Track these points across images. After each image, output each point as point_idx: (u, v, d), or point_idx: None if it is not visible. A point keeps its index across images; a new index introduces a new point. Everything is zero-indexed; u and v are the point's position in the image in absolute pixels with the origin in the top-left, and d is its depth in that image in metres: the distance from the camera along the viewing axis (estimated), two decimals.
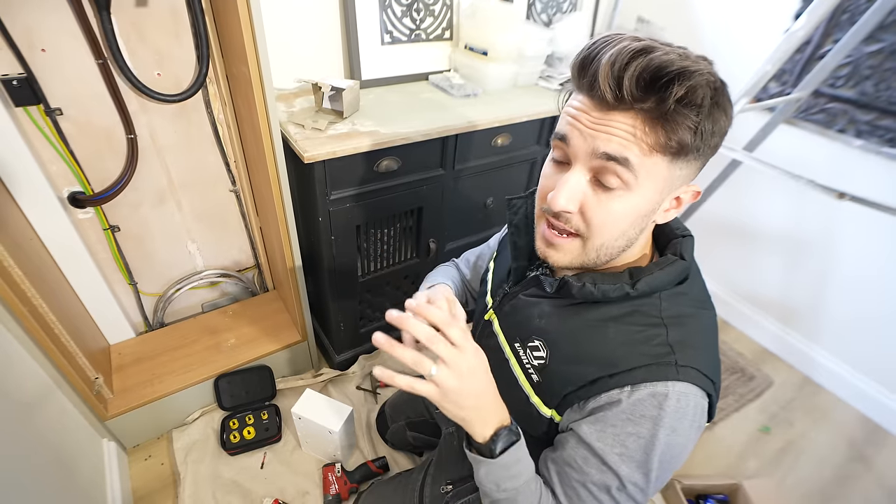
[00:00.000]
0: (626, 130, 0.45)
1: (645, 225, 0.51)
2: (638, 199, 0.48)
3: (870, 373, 1.46)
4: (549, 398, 0.56)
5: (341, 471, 1.12)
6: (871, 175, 1.29)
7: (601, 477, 0.51)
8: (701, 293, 0.56)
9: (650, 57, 0.42)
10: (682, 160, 0.47)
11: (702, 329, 0.53)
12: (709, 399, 0.51)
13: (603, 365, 0.51)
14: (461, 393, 0.49)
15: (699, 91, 0.42)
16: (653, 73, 0.42)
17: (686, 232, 0.57)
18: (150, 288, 1.26)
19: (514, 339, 0.61)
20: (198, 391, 1.21)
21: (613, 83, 0.43)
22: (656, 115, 0.43)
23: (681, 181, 0.49)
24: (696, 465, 1.29)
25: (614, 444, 0.50)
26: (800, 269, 1.54)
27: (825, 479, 1.30)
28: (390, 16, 1.24)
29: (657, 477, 0.50)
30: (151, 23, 0.95)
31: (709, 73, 0.43)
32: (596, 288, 0.52)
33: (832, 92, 1.31)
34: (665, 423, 0.48)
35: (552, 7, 1.54)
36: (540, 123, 1.28)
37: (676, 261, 0.54)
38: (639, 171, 0.46)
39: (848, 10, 1.23)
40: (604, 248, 0.51)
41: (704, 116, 0.44)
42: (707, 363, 0.51)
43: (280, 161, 0.96)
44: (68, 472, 0.89)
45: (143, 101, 1.02)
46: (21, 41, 0.84)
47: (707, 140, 0.45)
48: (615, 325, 0.52)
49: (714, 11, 1.51)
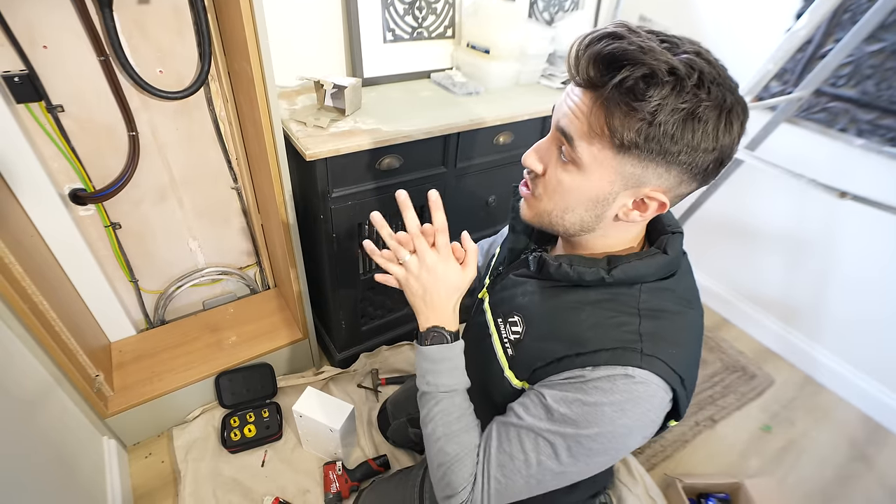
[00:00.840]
0: (580, 107, 0.47)
1: (599, 213, 0.52)
2: (584, 181, 0.50)
3: (871, 372, 1.46)
4: (521, 371, 0.59)
5: (342, 469, 1.11)
6: (872, 174, 1.29)
7: (534, 422, 0.53)
8: (688, 292, 0.57)
9: (615, 42, 0.43)
10: (630, 156, 0.46)
11: (682, 326, 0.53)
12: (674, 394, 0.51)
13: (571, 344, 0.53)
14: (421, 283, 0.61)
15: (642, 81, 0.41)
16: (607, 57, 0.43)
17: (676, 229, 0.58)
18: (150, 285, 1.26)
19: (497, 314, 0.65)
20: (198, 389, 1.21)
21: (575, 60, 0.46)
22: (602, 99, 0.44)
23: (636, 181, 0.48)
24: (698, 464, 1.29)
25: (560, 404, 0.51)
26: (801, 268, 1.54)
27: (827, 479, 1.29)
28: (392, 14, 1.23)
29: (588, 451, 0.51)
30: (153, 20, 0.94)
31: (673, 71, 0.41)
32: (572, 269, 0.55)
33: (834, 91, 1.31)
34: (614, 399, 0.49)
35: (554, 5, 1.54)
36: (542, 122, 1.28)
37: (658, 254, 0.54)
38: (582, 152, 0.48)
39: (849, 9, 1.23)
40: (553, 216, 0.55)
41: (654, 116, 0.42)
42: (677, 358, 0.50)
43: (282, 158, 0.96)
44: (69, 470, 0.89)
45: (145, 99, 1.01)
46: (23, 37, 0.84)
47: (660, 143, 0.43)
48: (590, 309, 0.54)
49: (716, 10, 1.51)
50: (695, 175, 0.47)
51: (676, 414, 0.53)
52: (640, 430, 0.51)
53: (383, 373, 1.40)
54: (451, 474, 0.58)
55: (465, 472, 0.58)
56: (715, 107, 0.43)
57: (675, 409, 0.52)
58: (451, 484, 0.58)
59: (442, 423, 0.60)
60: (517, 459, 0.54)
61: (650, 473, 1.23)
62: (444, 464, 0.59)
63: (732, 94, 0.44)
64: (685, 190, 0.50)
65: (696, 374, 0.54)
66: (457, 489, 0.58)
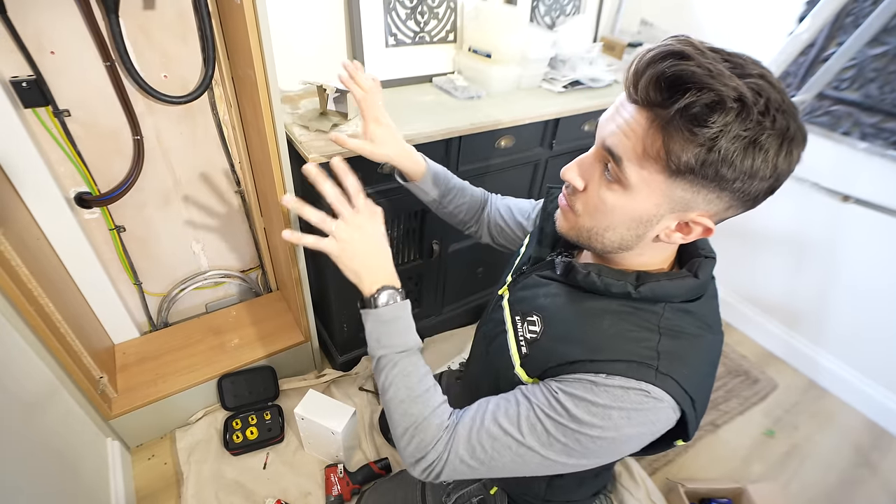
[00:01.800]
0: (632, 127, 0.45)
1: (641, 233, 0.51)
2: (629, 201, 0.48)
3: (876, 377, 1.45)
4: (532, 370, 0.58)
5: (343, 472, 1.12)
6: (876, 178, 1.28)
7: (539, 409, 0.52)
8: (710, 317, 0.55)
9: (679, 62, 0.40)
10: (682, 180, 0.44)
11: (699, 349, 0.52)
12: (682, 415, 0.50)
13: (588, 349, 0.52)
14: (354, 245, 0.61)
15: (713, 111, 0.39)
16: (671, 78, 0.40)
17: (710, 254, 0.57)
18: (154, 288, 1.27)
19: (516, 312, 0.64)
20: (201, 391, 1.21)
21: (634, 77, 0.44)
22: (662, 121, 0.42)
23: (684, 205, 0.46)
24: (700, 469, 1.29)
25: (568, 400, 0.51)
26: (804, 271, 1.54)
27: (830, 484, 1.29)
28: (394, 18, 1.24)
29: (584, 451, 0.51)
30: (159, 25, 0.96)
31: (740, 98, 0.39)
32: (600, 279, 0.54)
33: (837, 94, 1.31)
34: (624, 406, 0.49)
35: (555, 10, 1.55)
36: (543, 126, 1.28)
37: (687, 276, 0.53)
38: (629, 173, 0.46)
39: (852, 13, 1.22)
40: (592, 233, 0.53)
41: (715, 142, 0.40)
42: (690, 380, 0.50)
43: (285, 162, 0.96)
44: (72, 471, 0.90)
45: (150, 103, 1.03)
46: (31, 44, 0.86)
47: (717, 169, 0.41)
48: (612, 318, 0.53)
49: (718, 14, 1.51)
50: (745, 202, 0.45)
51: (685, 434, 0.52)
52: (637, 441, 0.52)
53: None
54: (421, 433, 0.57)
55: (432, 430, 0.57)
56: (778, 135, 0.40)
57: (683, 430, 0.52)
58: (421, 443, 0.57)
59: (404, 386, 0.59)
60: (510, 437, 0.53)
61: (652, 478, 1.23)
62: (411, 426, 0.57)
63: (795, 121, 0.41)
64: (731, 214, 0.48)
65: (707, 397, 0.54)
66: (427, 447, 0.56)
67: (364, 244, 0.62)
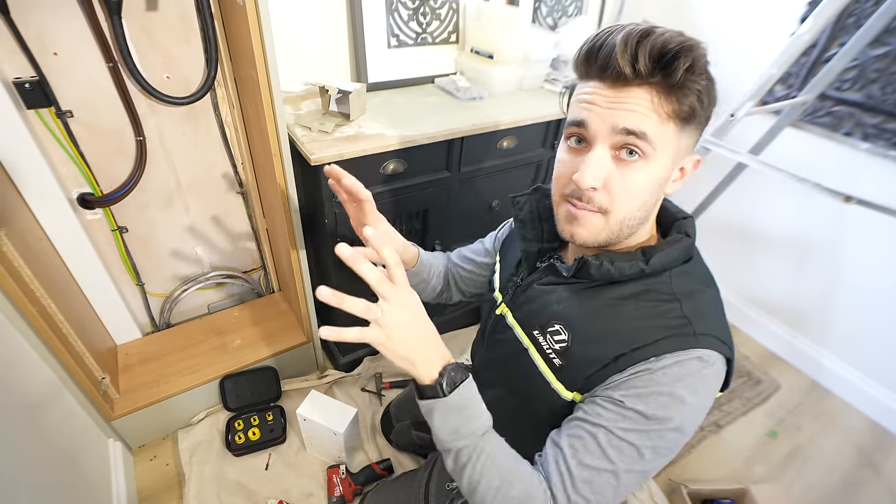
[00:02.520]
0: (642, 104, 0.49)
1: (659, 196, 0.55)
2: (654, 168, 0.51)
3: (879, 378, 1.45)
4: (572, 381, 0.57)
5: (346, 472, 1.12)
6: (878, 178, 1.28)
7: (613, 427, 0.51)
8: (704, 273, 0.59)
9: (655, 35, 0.47)
10: (690, 127, 0.51)
11: (711, 301, 0.56)
12: (728, 365, 0.53)
13: (624, 341, 0.52)
14: (404, 329, 0.51)
15: (700, 62, 0.48)
16: (660, 48, 0.47)
17: (686, 214, 0.61)
18: (156, 288, 1.27)
19: (532, 327, 0.62)
20: (203, 392, 1.21)
21: (631, 58, 0.47)
22: (668, 85, 0.48)
23: (686, 150, 0.53)
24: (703, 470, 1.28)
25: (636, 401, 0.50)
26: (807, 272, 1.53)
27: (833, 485, 1.28)
28: (397, 19, 1.24)
29: (670, 444, 0.51)
30: (161, 27, 0.96)
31: (702, 47, 0.49)
32: (613, 266, 0.54)
33: (839, 95, 1.31)
34: (687, 382, 0.50)
35: (557, 11, 1.55)
36: (545, 126, 1.28)
37: (683, 238, 0.57)
38: (656, 141, 0.50)
39: (854, 13, 1.23)
40: (626, 220, 0.54)
41: (708, 84, 0.49)
42: (722, 331, 0.53)
43: (287, 163, 0.96)
44: (74, 472, 0.90)
45: (153, 104, 1.03)
46: (34, 45, 0.86)
47: (706, 108, 0.50)
48: (632, 303, 0.54)
49: (720, 15, 1.51)
50: (704, 126, 0.53)
51: (725, 384, 0.54)
52: (707, 406, 0.53)
53: (387, 376, 1.40)
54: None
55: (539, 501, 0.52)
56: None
57: (725, 379, 0.54)
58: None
59: (497, 470, 0.52)
60: (604, 472, 0.50)
61: (655, 479, 1.22)
62: (514, 498, 0.52)
63: None
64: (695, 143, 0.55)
65: (733, 344, 0.56)
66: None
67: (413, 324, 0.52)
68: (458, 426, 0.53)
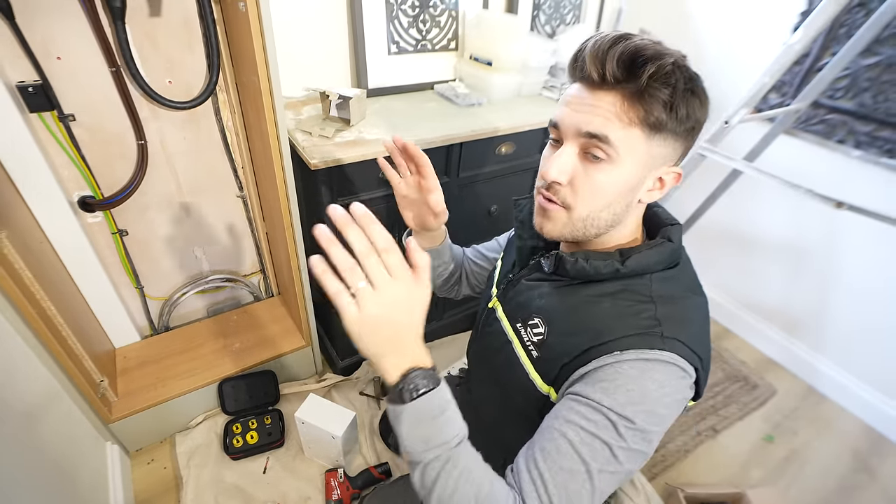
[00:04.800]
0: (607, 109, 0.51)
1: (630, 201, 0.56)
2: (620, 172, 0.53)
3: (874, 383, 1.46)
4: (547, 372, 0.58)
5: (344, 476, 1.12)
6: (869, 185, 1.30)
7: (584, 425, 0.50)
8: (691, 281, 0.60)
9: (628, 42, 0.49)
10: (659, 137, 0.52)
11: (690, 309, 0.56)
12: (695, 374, 0.53)
13: (594, 335, 0.54)
14: (379, 322, 0.44)
15: (671, 72, 0.48)
16: (630, 55, 0.48)
17: (674, 221, 0.62)
18: (156, 292, 1.27)
19: (516, 320, 0.65)
20: (201, 395, 1.21)
21: (599, 64, 0.50)
22: (633, 91, 0.49)
23: (661, 160, 0.54)
24: (700, 474, 1.29)
25: (604, 395, 0.50)
26: (802, 278, 1.55)
27: (829, 489, 1.29)
28: (397, 26, 1.26)
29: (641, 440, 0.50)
30: (164, 32, 0.97)
31: (680, 60, 0.50)
32: (588, 264, 0.56)
33: (831, 103, 1.33)
34: (654, 377, 0.50)
35: (556, 19, 1.57)
36: (543, 132, 1.30)
37: (664, 242, 0.58)
38: (618, 146, 0.51)
39: (845, 24, 1.25)
40: (590, 218, 0.56)
41: (678, 97, 0.49)
42: (693, 339, 0.53)
43: (287, 167, 0.97)
44: (71, 475, 0.90)
45: (154, 108, 1.04)
46: (38, 49, 0.87)
47: (681, 120, 0.51)
48: (609, 300, 0.56)
49: (715, 24, 1.53)
50: (687, 141, 0.55)
51: (696, 393, 0.55)
52: (675, 410, 0.52)
53: None
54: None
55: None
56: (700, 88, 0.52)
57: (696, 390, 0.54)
58: None
59: (471, 486, 0.48)
60: (578, 473, 0.49)
61: (652, 483, 1.23)
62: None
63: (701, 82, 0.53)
64: (681, 157, 0.57)
65: (710, 356, 0.56)
66: None
67: (396, 316, 0.45)
68: (428, 436, 0.47)
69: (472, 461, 0.50)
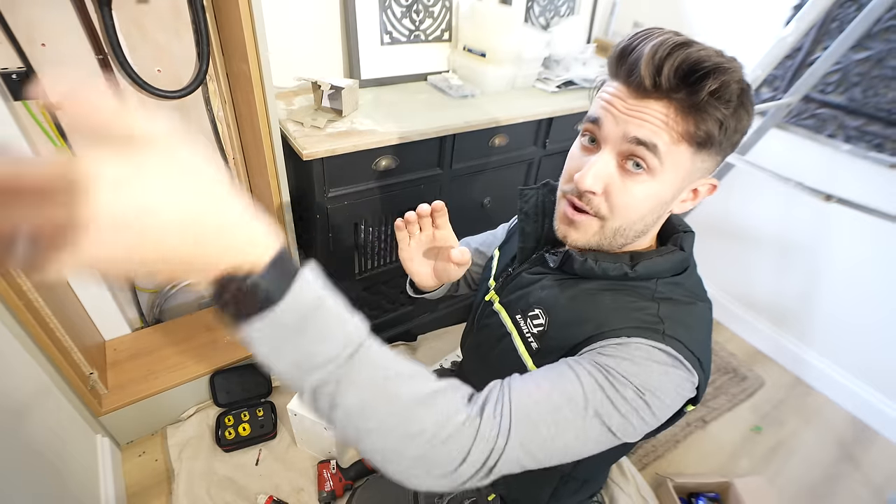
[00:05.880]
0: (657, 117, 0.47)
1: (662, 213, 0.54)
2: (660, 186, 0.50)
3: (859, 374, 1.49)
4: (547, 362, 0.55)
5: (336, 467, 1.12)
6: (858, 179, 1.32)
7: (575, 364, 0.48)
8: (697, 287, 0.59)
9: (689, 50, 0.45)
10: (706, 152, 0.49)
11: (693, 313, 0.55)
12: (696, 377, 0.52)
13: (596, 325, 0.53)
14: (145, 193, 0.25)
15: (731, 87, 0.45)
16: (691, 65, 0.44)
17: (688, 228, 0.61)
18: (146, 284, 1.26)
19: (515, 311, 0.63)
20: (193, 388, 1.21)
21: (654, 70, 0.46)
22: (688, 105, 0.46)
23: (700, 173, 0.52)
24: (689, 464, 1.31)
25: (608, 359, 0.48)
26: (791, 270, 1.57)
27: (815, 478, 1.31)
28: (390, 16, 1.25)
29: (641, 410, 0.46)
30: (152, 19, 0.95)
31: (740, 72, 0.46)
32: (597, 265, 0.55)
33: (822, 98, 1.34)
34: (659, 359, 0.48)
35: (550, 11, 1.56)
36: (537, 125, 1.30)
37: (676, 251, 0.57)
38: (665, 158, 0.48)
39: (837, 18, 1.25)
40: (622, 230, 0.54)
41: (731, 112, 0.46)
42: (694, 342, 0.51)
43: (279, 158, 0.96)
44: (62, 468, 0.89)
45: (143, 97, 1.02)
46: (21, 35, 0.85)
47: (730, 136, 0.48)
48: (611, 294, 0.55)
49: (708, 16, 1.53)
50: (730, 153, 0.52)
51: (695, 398, 0.53)
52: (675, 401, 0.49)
53: None
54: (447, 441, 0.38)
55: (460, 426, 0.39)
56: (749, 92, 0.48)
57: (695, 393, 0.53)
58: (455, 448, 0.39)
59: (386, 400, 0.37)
60: (575, 403, 0.45)
61: (642, 473, 1.24)
62: (427, 440, 0.38)
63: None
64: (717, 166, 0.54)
65: (710, 360, 0.55)
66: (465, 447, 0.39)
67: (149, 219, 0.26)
68: (310, 350, 0.34)
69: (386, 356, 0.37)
